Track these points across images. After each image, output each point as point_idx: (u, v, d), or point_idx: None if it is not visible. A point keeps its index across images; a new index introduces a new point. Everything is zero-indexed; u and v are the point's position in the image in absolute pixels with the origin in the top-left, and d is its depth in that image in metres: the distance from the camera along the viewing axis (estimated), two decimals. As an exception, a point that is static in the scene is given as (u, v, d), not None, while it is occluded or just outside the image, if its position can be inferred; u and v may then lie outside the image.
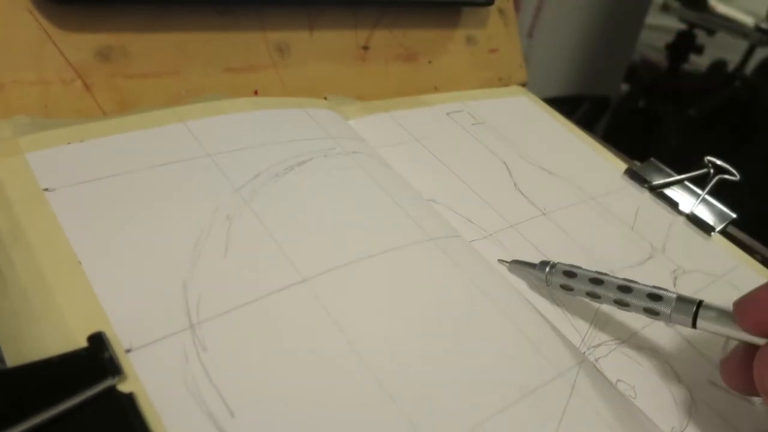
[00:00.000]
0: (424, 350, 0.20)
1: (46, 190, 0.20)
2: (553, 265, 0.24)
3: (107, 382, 0.15)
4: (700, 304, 0.21)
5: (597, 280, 0.23)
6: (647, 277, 0.28)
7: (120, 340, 0.17)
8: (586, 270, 0.24)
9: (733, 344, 0.21)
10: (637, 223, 0.32)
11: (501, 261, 0.26)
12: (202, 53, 0.28)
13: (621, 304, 0.23)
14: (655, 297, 0.22)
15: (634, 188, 0.35)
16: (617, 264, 0.28)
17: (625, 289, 0.22)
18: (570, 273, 0.24)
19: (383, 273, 0.22)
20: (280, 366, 0.17)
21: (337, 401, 0.17)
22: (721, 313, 0.20)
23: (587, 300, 0.24)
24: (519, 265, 0.25)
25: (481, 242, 0.26)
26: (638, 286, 0.22)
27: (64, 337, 0.16)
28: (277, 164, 0.25)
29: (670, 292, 0.22)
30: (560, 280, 0.24)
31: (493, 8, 0.40)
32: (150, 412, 0.15)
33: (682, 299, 0.21)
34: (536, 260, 0.25)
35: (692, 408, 0.23)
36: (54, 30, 0.24)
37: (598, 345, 0.24)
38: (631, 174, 0.36)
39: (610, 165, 0.37)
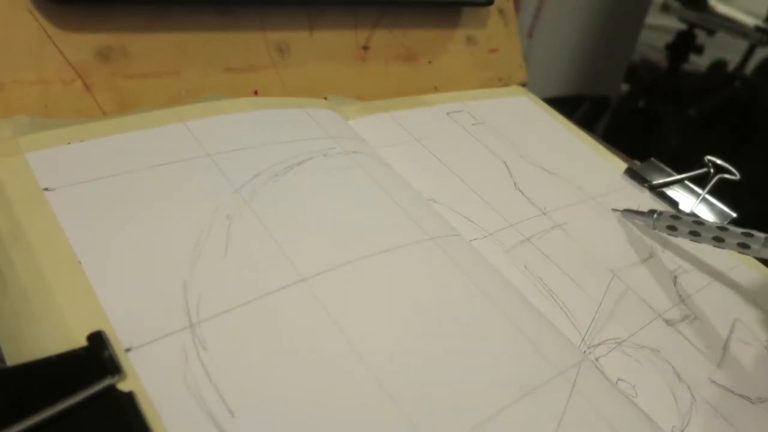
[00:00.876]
0: (423, 350, 0.20)
1: (46, 189, 0.20)
2: (660, 213, 0.30)
3: (107, 381, 0.15)
4: None
5: (698, 223, 0.28)
6: (648, 276, 0.28)
7: (120, 339, 0.17)
8: (687, 215, 0.29)
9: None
10: (638, 223, 0.32)
11: (614, 209, 0.32)
12: (202, 53, 0.28)
13: (718, 240, 0.27)
14: (747, 235, 0.27)
15: (634, 188, 0.35)
16: (617, 263, 0.28)
17: (723, 229, 0.27)
18: (675, 217, 0.29)
19: (383, 272, 0.22)
20: (280, 366, 0.17)
21: (337, 401, 0.17)
22: None
23: (688, 239, 0.29)
24: (630, 213, 0.31)
25: (481, 242, 0.26)
26: (733, 228, 0.27)
27: (64, 336, 0.16)
28: (276, 164, 0.25)
29: (760, 233, 0.26)
30: (666, 223, 0.29)
31: (493, 8, 0.40)
32: (149, 411, 0.15)
33: None
34: (538, 260, 0.25)
35: (693, 407, 0.23)
36: (54, 30, 0.24)
37: (599, 344, 0.24)
38: (631, 174, 0.36)
39: (610, 165, 0.37)
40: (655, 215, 0.30)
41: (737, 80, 1.16)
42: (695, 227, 0.28)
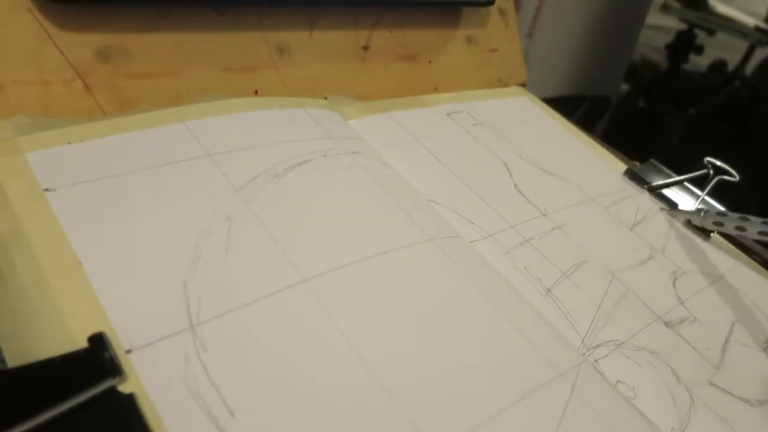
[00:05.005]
0: (423, 351, 0.20)
1: (46, 190, 0.20)
2: (707, 210, 0.32)
3: (107, 383, 0.15)
4: None
5: (744, 218, 0.30)
6: (647, 278, 0.28)
7: (120, 340, 0.17)
8: (732, 214, 0.31)
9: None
10: (637, 224, 0.32)
11: (662, 209, 0.34)
12: (202, 53, 0.28)
13: (764, 234, 0.29)
14: None
15: (634, 189, 0.35)
16: (617, 264, 0.28)
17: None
18: (722, 214, 0.32)
19: (383, 273, 0.22)
20: (280, 366, 0.17)
21: (337, 401, 0.17)
22: None
23: (735, 233, 0.31)
24: (678, 212, 0.33)
25: (481, 243, 0.26)
26: None
27: (65, 337, 0.16)
28: (277, 164, 0.25)
29: None
30: (713, 219, 0.32)
31: (493, 8, 0.40)
32: (150, 412, 0.15)
33: None
34: (538, 261, 0.25)
35: (692, 409, 0.23)
36: (54, 30, 0.24)
37: (598, 346, 0.24)
38: (631, 175, 0.36)
39: (610, 166, 0.37)
40: (702, 213, 0.32)
41: (737, 80, 1.16)
42: (741, 223, 0.30)
